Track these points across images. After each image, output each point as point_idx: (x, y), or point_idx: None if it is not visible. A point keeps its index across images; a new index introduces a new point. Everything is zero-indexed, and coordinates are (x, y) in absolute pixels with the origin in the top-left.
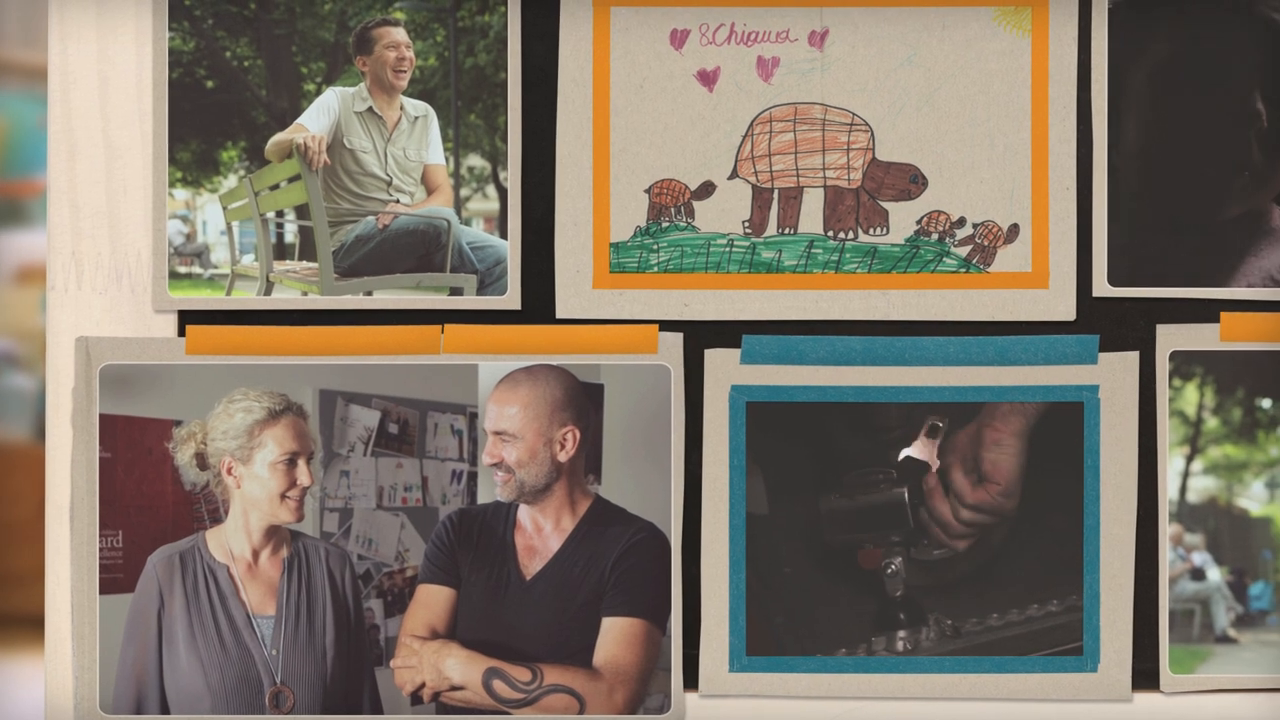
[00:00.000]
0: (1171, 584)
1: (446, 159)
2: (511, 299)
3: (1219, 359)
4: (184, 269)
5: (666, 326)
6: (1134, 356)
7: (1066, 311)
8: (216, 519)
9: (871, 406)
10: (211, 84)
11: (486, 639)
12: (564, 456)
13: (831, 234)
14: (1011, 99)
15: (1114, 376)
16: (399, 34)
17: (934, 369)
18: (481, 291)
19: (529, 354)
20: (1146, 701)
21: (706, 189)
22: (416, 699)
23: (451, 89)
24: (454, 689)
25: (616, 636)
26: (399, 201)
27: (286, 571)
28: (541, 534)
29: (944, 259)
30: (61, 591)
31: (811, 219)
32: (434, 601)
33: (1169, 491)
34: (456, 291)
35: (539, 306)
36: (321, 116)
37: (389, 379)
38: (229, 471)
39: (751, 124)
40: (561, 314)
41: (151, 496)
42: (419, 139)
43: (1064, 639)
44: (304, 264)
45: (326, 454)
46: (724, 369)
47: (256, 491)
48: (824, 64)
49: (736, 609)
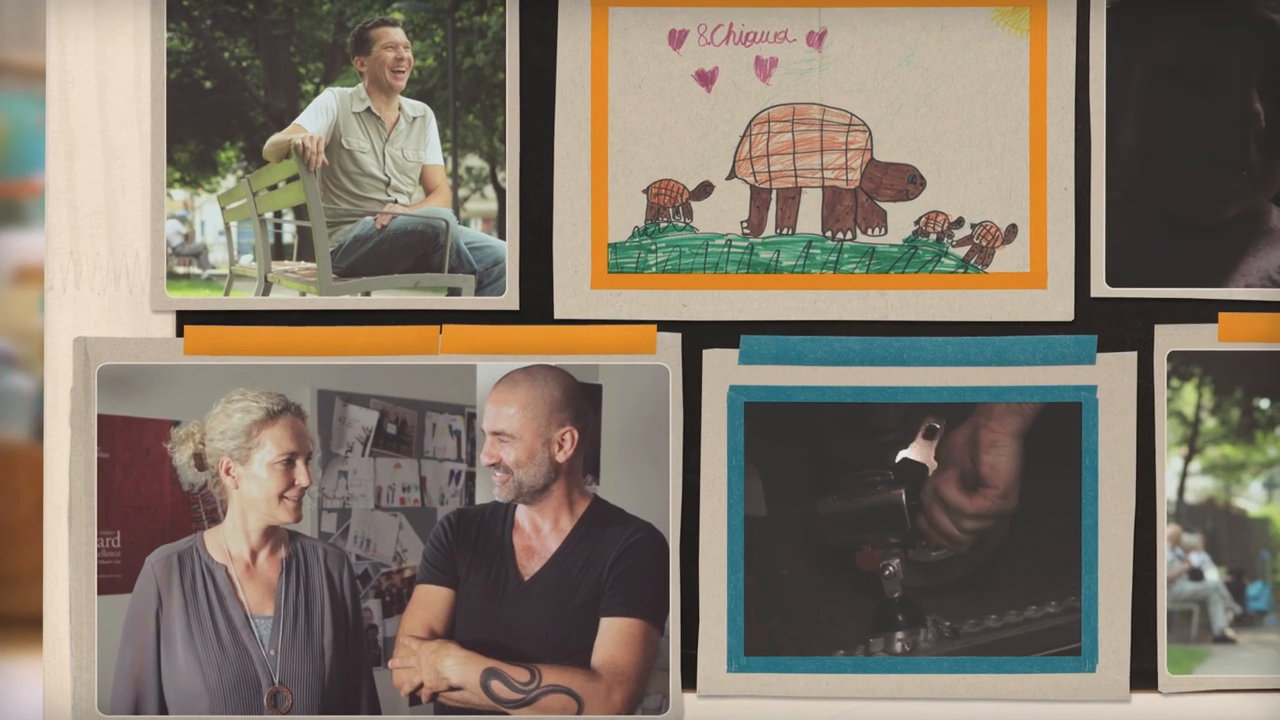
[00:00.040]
0: (1170, 584)
1: (445, 159)
2: (510, 299)
3: (1217, 359)
4: (182, 269)
5: (665, 327)
6: (1132, 357)
7: (1065, 312)
8: (214, 519)
9: (870, 407)
10: (210, 84)
11: (485, 639)
12: (562, 457)
13: (830, 234)
14: (1010, 99)
15: (1112, 377)
16: (397, 34)
17: (932, 369)
18: (480, 292)
19: (527, 354)
20: (1144, 702)
21: (705, 189)
22: (414, 699)
23: (450, 89)
24: (452, 689)
25: (615, 637)
26: (397, 202)
27: (285, 572)
28: (540, 534)
29: (942, 259)
30: (60, 592)
31: (810, 219)
32: (432, 602)
33: (1167, 492)
34: (455, 292)
35: (537, 307)
36: (320, 117)
37: (387, 379)
38: (227, 472)
39: (750, 124)
40: (560, 314)
41: (150, 497)
42: (417, 139)
43: (1062, 640)
44: (302, 264)
45: (325, 454)
46: (722, 369)
47: (254, 492)
48: (822, 64)
49: (735, 609)
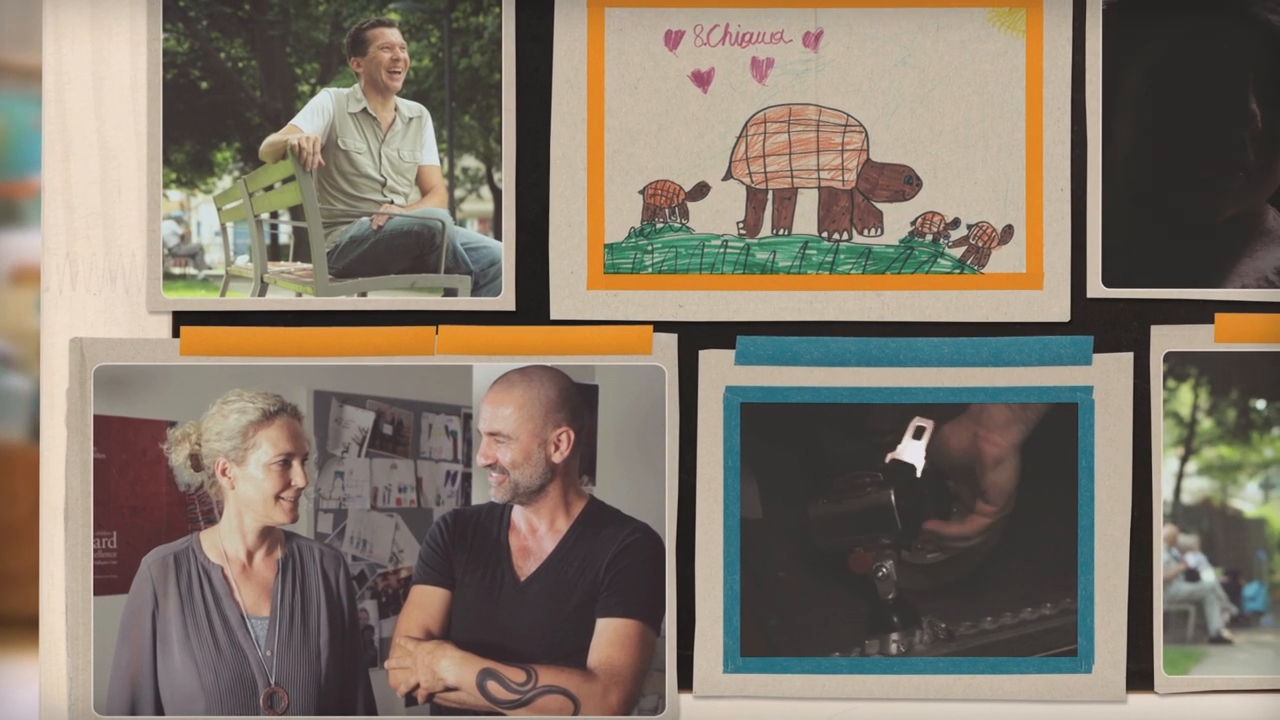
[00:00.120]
0: (1166, 585)
1: (441, 160)
2: (506, 300)
3: (1214, 360)
4: (178, 270)
5: (661, 327)
6: (1128, 358)
7: (1061, 312)
8: (211, 520)
9: (866, 408)
10: (206, 85)
11: (481, 640)
12: (558, 457)
13: (826, 235)
14: (1006, 100)
15: (1108, 378)
16: (393, 35)
17: (928, 370)
18: (476, 292)
19: (523, 355)
20: (1141, 702)
21: (701, 190)
22: (411, 700)
23: (446, 90)
24: (448, 690)
25: (611, 637)
26: (393, 202)
27: (281, 572)
28: (536, 535)
29: (938, 260)
30: (56, 592)
31: (806, 220)
32: (428, 602)
33: (1163, 492)
34: (451, 292)
35: (533, 307)
36: (316, 117)
37: (383, 380)
38: (223, 472)
39: (746, 125)
40: (556, 315)
41: (146, 497)
42: (413, 140)
43: (1057, 642)
44: (298, 265)
45: (321, 455)
46: (718, 370)
47: (251, 492)
48: (818, 65)
49: (731, 610)
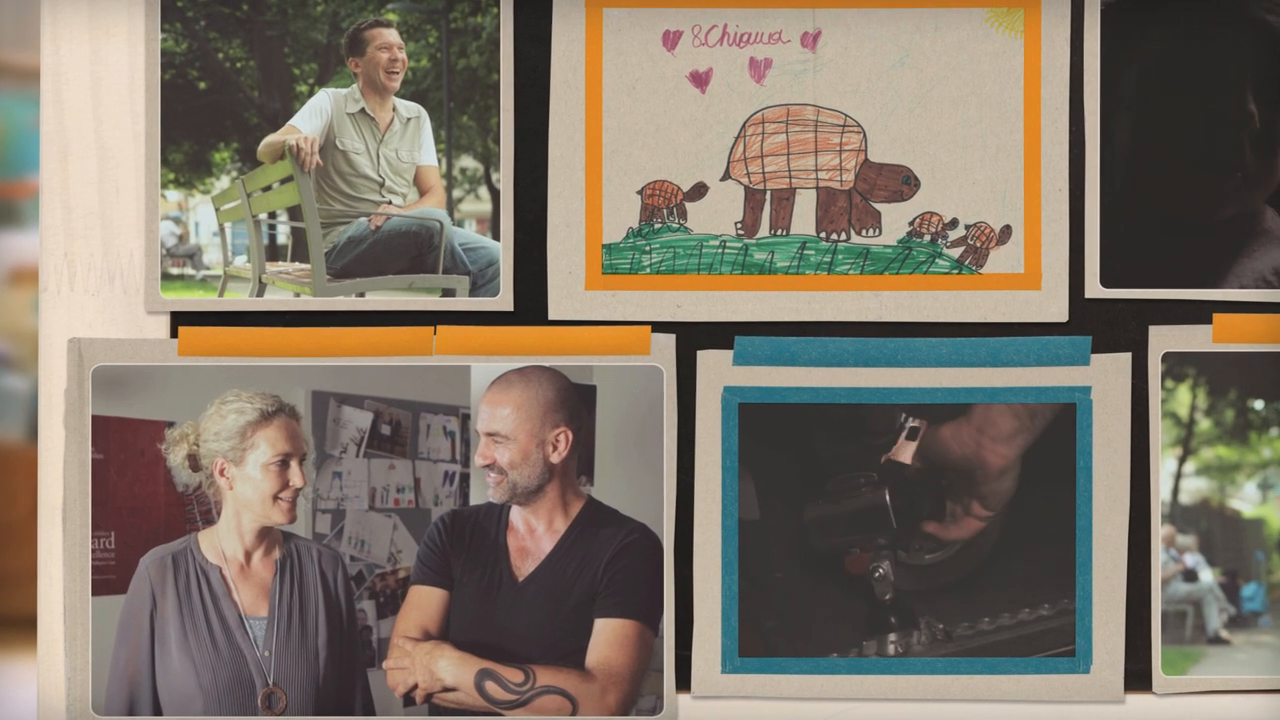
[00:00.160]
0: (1164, 585)
1: (439, 160)
2: (504, 300)
3: (1211, 360)
4: (176, 270)
5: (659, 328)
6: (1126, 358)
7: (1059, 313)
8: (209, 520)
9: (864, 409)
10: (204, 85)
11: (479, 640)
12: (556, 458)
13: (824, 235)
14: (1004, 100)
15: (1106, 378)
16: (391, 35)
17: (926, 370)
18: (474, 293)
19: (521, 355)
20: (1139, 703)
21: (699, 190)
22: (409, 700)
23: (444, 90)
24: (446, 690)
25: (609, 638)
26: (391, 203)
27: (279, 573)
28: (534, 535)
29: (936, 260)
30: (54, 593)
31: (804, 220)
32: (426, 603)
33: (1161, 493)
34: (449, 293)
35: (531, 308)
36: (314, 118)
37: (381, 380)
38: (221, 473)
39: (744, 125)
40: (554, 315)
41: (144, 498)
42: (411, 140)
43: (1055, 643)
44: (296, 265)
45: (319, 455)
46: (716, 370)
47: (249, 493)
48: (816, 65)
49: (729, 610)
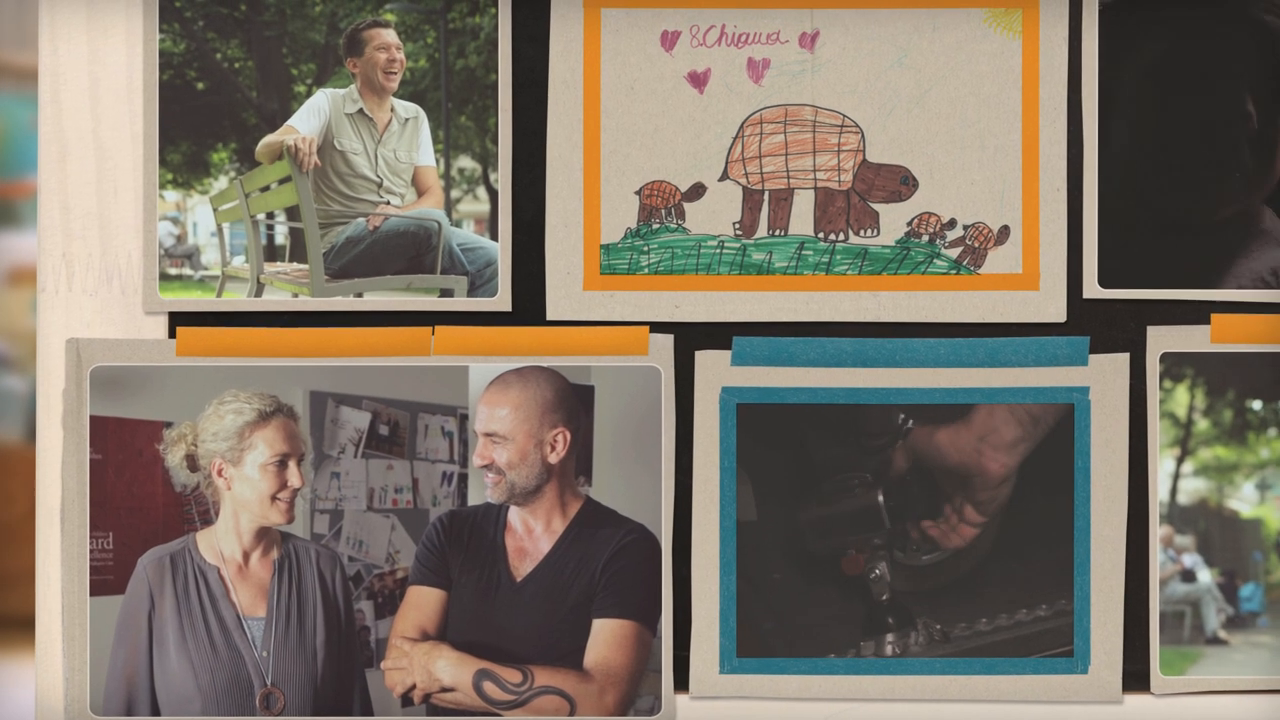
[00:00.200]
0: (1162, 585)
1: (437, 161)
2: (502, 300)
3: (1209, 361)
4: (174, 270)
5: (657, 328)
6: (1124, 358)
7: (1057, 313)
8: (207, 520)
9: (862, 409)
10: (202, 85)
11: (477, 641)
12: (554, 458)
13: (822, 235)
14: (1002, 100)
15: (1104, 378)
16: (389, 35)
17: (924, 371)
18: (472, 293)
19: (519, 355)
20: (1137, 703)
21: (697, 190)
22: (407, 701)
23: (442, 91)
24: (444, 691)
25: (607, 638)
26: (389, 203)
27: (277, 573)
28: (532, 536)
29: (934, 261)
30: (52, 593)
31: (802, 220)
32: (424, 603)
33: (1159, 493)
34: (447, 293)
35: (529, 308)
36: (312, 118)
37: (379, 381)
38: (219, 473)
39: (742, 126)
40: (552, 315)
41: (142, 498)
42: (409, 141)
43: (1053, 644)
44: (294, 266)
45: (317, 456)
46: (714, 371)
47: (247, 493)
48: (814, 65)
49: (727, 610)
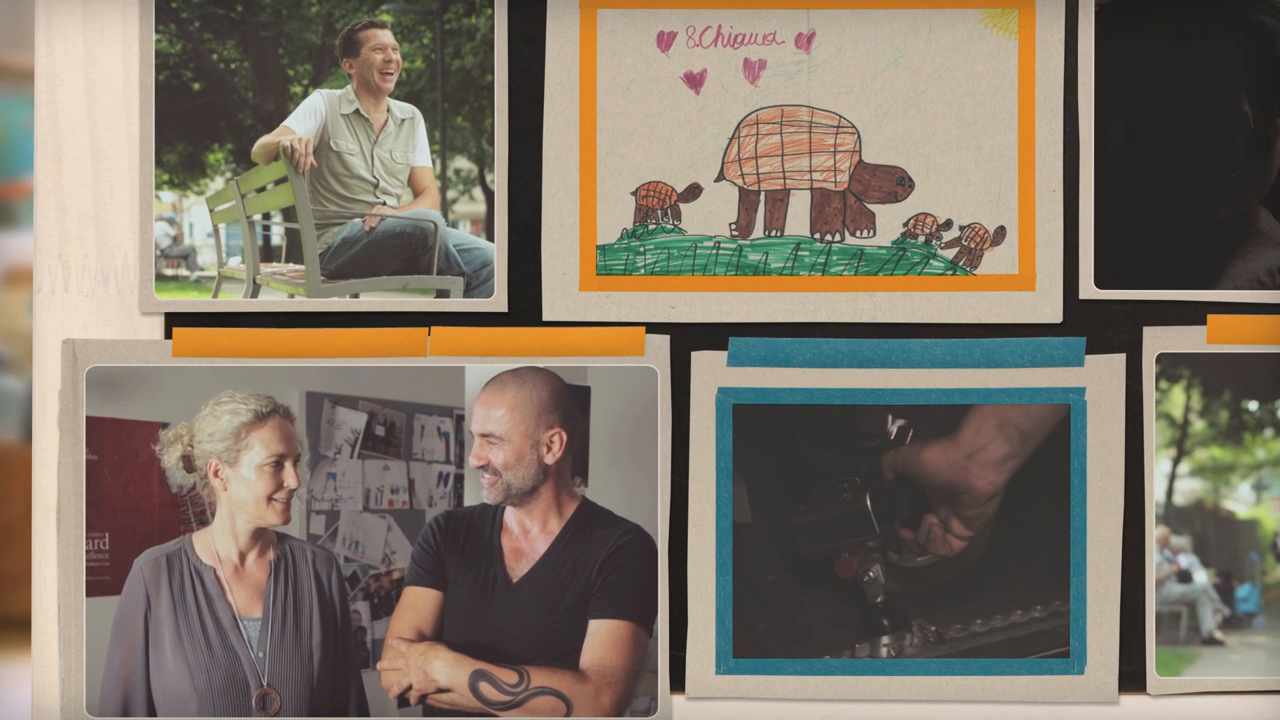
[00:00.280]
0: (1158, 586)
1: (433, 161)
2: (498, 301)
3: (1206, 361)
4: (170, 271)
5: (653, 329)
6: (1121, 359)
7: (1053, 314)
8: (203, 521)
9: (859, 410)
10: (198, 86)
11: (473, 641)
12: (550, 459)
13: (818, 236)
14: (998, 101)
15: (1101, 379)
16: (385, 36)
17: (921, 371)
18: (468, 294)
19: (515, 356)
20: (1133, 704)
21: (693, 191)
22: (403, 701)
23: (438, 91)
24: (440, 691)
25: (603, 639)
26: (386, 204)
27: (273, 574)
28: (528, 536)
29: (930, 261)
30: (48, 594)
31: (798, 221)
32: (421, 604)
33: (1156, 494)
34: (443, 294)
35: (525, 309)
36: (308, 119)
37: (376, 381)
38: (216, 474)
39: (738, 126)
40: (548, 316)
41: (138, 499)
42: (405, 141)
43: (1048, 645)
44: (291, 266)
45: (313, 456)
46: (711, 371)
47: (243, 494)
48: (810, 66)
49: (723, 611)
